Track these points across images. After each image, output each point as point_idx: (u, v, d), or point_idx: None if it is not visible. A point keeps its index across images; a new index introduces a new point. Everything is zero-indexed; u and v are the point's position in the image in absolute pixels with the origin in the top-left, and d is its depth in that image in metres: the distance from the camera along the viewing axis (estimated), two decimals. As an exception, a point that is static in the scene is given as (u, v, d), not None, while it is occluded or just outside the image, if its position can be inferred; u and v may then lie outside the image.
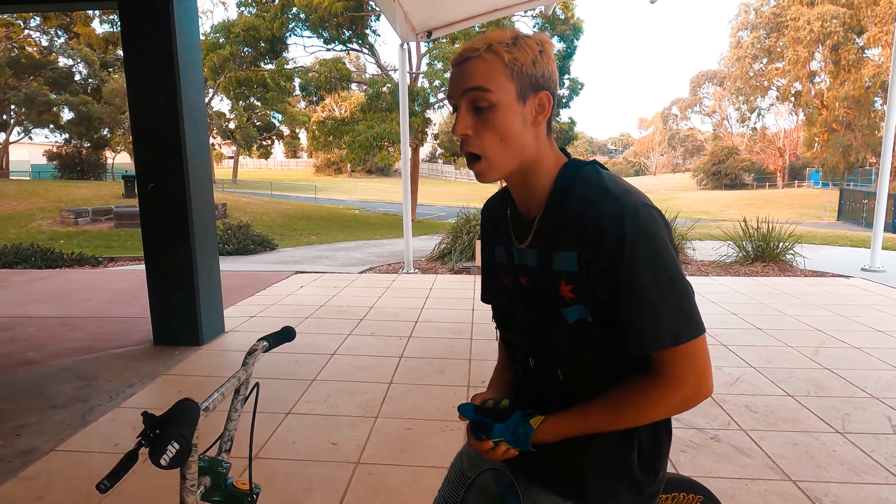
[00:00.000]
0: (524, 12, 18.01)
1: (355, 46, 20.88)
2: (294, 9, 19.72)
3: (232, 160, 43.49)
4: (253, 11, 21.49)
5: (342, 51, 21.66)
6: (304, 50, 71.24)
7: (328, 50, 21.02)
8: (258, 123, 36.13)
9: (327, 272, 7.44)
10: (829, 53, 34.48)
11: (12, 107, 30.41)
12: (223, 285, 4.61)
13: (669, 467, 2.40)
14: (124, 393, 3.30)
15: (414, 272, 7.31)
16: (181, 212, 4.03)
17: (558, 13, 18.53)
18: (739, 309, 5.20)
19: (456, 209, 9.95)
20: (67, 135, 32.26)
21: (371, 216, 21.48)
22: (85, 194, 19.18)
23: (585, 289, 0.89)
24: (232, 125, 35.45)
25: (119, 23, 4.07)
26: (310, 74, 20.44)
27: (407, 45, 7.27)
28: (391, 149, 18.96)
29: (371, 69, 30.56)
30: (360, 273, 7.40)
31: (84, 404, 3.13)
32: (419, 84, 19.03)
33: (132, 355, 3.98)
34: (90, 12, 27.79)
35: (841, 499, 2.18)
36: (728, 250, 8.00)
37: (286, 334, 1.31)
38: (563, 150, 0.98)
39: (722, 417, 2.91)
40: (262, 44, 20.65)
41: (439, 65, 18.42)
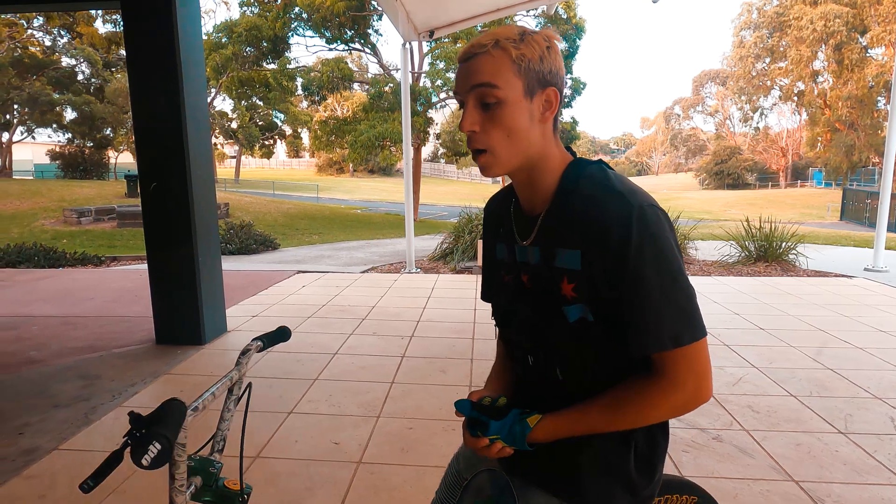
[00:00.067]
0: (526, 12, 18.00)
1: (357, 46, 20.89)
2: (296, 8, 19.75)
3: (234, 160, 43.57)
4: (255, 11, 21.54)
5: (344, 50, 21.69)
6: (307, 49, 71.23)
7: (330, 49, 21.05)
8: (260, 123, 36.19)
9: (329, 272, 7.44)
10: (833, 53, 34.37)
11: (15, 106, 30.50)
12: (225, 285, 4.62)
13: (671, 467, 2.40)
14: (127, 392, 3.30)
15: (416, 272, 7.31)
16: (183, 211, 4.04)
17: (560, 12, 18.52)
18: (742, 309, 5.19)
19: (458, 209, 9.95)
20: (70, 134, 32.34)
21: (373, 216, 21.50)
22: (88, 194, 19.23)
23: (587, 288, 0.88)
24: (234, 125, 35.50)
25: (121, 23, 4.07)
26: (312, 74, 20.47)
27: (409, 45, 7.27)
28: (393, 148, 19.00)
29: (373, 69, 30.59)
30: (362, 273, 7.41)
31: (87, 403, 3.14)
32: (421, 84, 19.04)
33: (135, 354, 3.99)
34: (93, 12, 27.91)
35: (843, 499, 2.17)
36: (730, 250, 7.99)
37: (281, 334, 1.29)
38: (569, 149, 0.98)
39: (724, 417, 2.90)
40: (265, 43, 20.69)
41: (441, 64, 18.43)
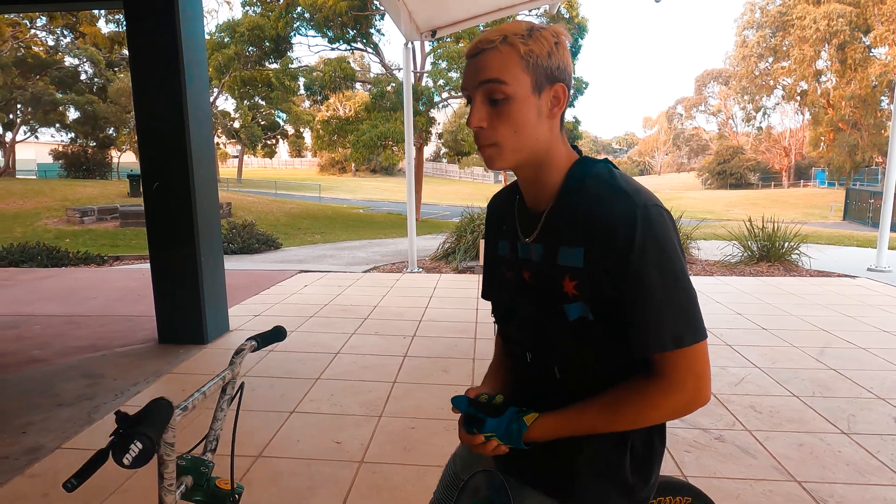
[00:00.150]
0: (528, 11, 17.98)
1: (360, 46, 20.91)
2: (299, 8, 19.77)
3: (236, 159, 43.61)
4: (257, 11, 21.57)
5: (346, 50, 21.70)
6: (309, 49, 70.99)
7: (332, 49, 21.08)
8: (263, 123, 36.22)
9: (331, 271, 7.45)
10: (836, 52, 34.27)
11: (18, 106, 30.59)
12: (228, 284, 4.63)
13: (673, 468, 2.40)
14: (130, 391, 3.31)
15: (418, 271, 7.31)
16: (186, 211, 4.05)
17: (563, 12, 18.51)
18: (744, 309, 5.19)
19: (460, 208, 9.95)
20: (73, 134, 32.41)
21: (375, 215, 21.49)
22: (90, 193, 19.26)
23: (589, 286, 0.88)
24: (237, 124, 35.54)
25: (124, 22, 4.08)
26: (314, 74, 20.50)
27: (411, 45, 7.28)
28: (395, 148, 19.00)
29: (375, 68, 30.61)
30: (365, 272, 7.41)
31: (90, 402, 3.14)
32: (423, 83, 19.05)
33: (137, 354, 4.00)
34: (96, 12, 27.94)
35: (846, 500, 2.17)
36: (733, 250, 7.98)
37: (276, 334, 1.28)
38: (575, 147, 0.98)
39: (727, 418, 2.90)
40: (267, 43, 20.72)
41: (443, 64, 18.43)
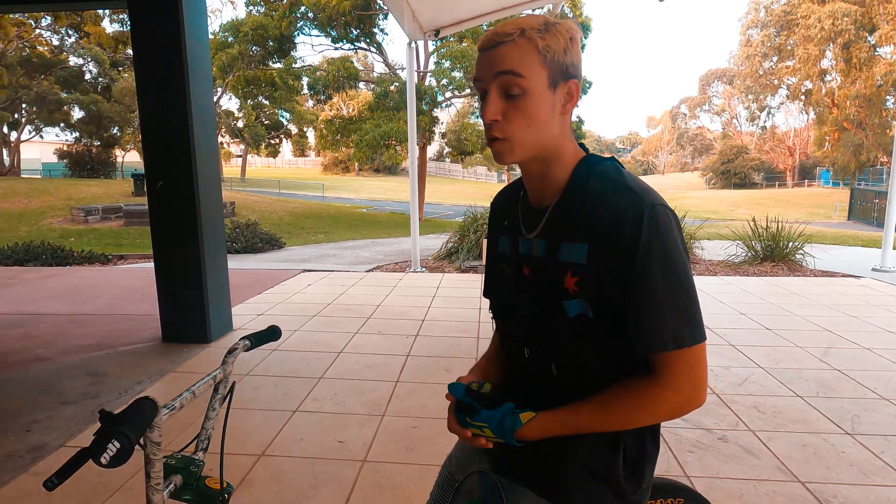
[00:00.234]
0: (532, 10, 17.99)
1: (363, 45, 20.94)
2: (302, 7, 19.79)
3: (240, 159, 43.67)
4: (261, 10, 21.60)
5: (350, 49, 21.73)
6: (313, 49, 70.99)
7: (336, 49, 21.10)
8: (266, 122, 36.24)
9: (335, 270, 7.46)
10: (841, 51, 34.14)
11: (24, 105, 30.73)
12: (231, 283, 4.64)
13: (676, 468, 2.40)
14: (133, 389, 3.32)
15: (421, 271, 7.32)
16: (189, 210, 4.06)
17: (566, 11, 18.48)
18: (748, 309, 5.17)
19: (463, 208, 9.95)
20: (78, 133, 32.55)
21: (378, 215, 21.51)
22: (95, 192, 19.33)
23: (590, 283, 0.88)
24: (240, 124, 35.58)
25: (128, 22, 4.09)
26: (318, 73, 20.55)
27: (415, 44, 7.28)
28: (398, 147, 19.01)
29: (379, 68, 30.60)
30: (368, 271, 7.42)
31: (94, 400, 3.16)
32: (427, 83, 19.06)
33: (141, 352, 4.02)
34: (100, 12, 27.99)
35: (850, 500, 2.16)
36: (737, 250, 7.96)
37: (271, 333, 1.27)
38: (581, 145, 0.98)
39: (730, 418, 2.90)
40: (271, 43, 20.76)
41: (447, 63, 18.43)
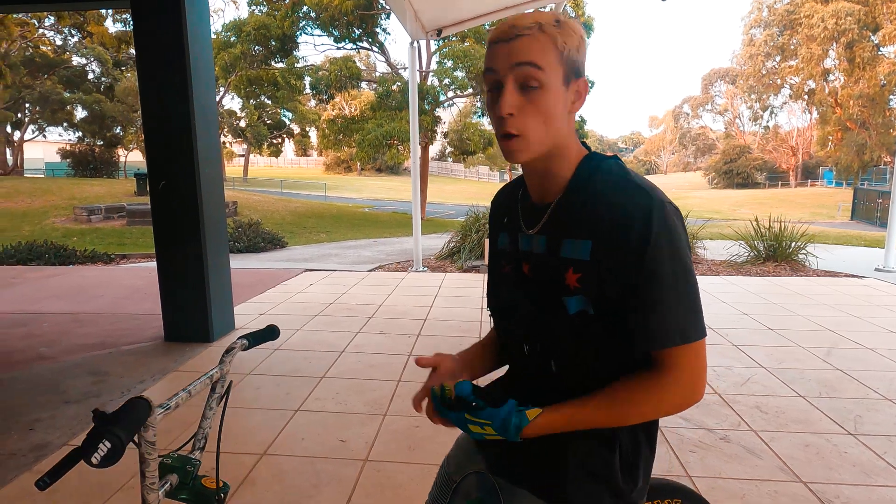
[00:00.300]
0: (533, 10, 17.97)
1: (365, 45, 20.94)
2: (304, 7, 19.80)
3: (242, 158, 43.73)
4: (264, 10, 21.61)
5: (352, 49, 21.76)
6: (315, 48, 70.95)
7: (338, 48, 21.12)
8: (269, 122, 36.28)
9: (337, 270, 7.46)
10: (844, 51, 34.02)
11: (27, 105, 30.80)
12: (233, 283, 4.65)
13: (678, 468, 2.39)
14: (136, 388, 3.33)
15: (423, 270, 7.32)
16: (192, 209, 4.06)
17: (568, 10, 18.46)
18: (751, 309, 5.16)
19: (465, 208, 9.96)
20: (81, 133, 32.61)
21: (380, 214, 21.51)
22: (98, 192, 19.37)
23: (593, 279, 0.87)
24: (243, 123, 35.63)
25: (131, 22, 4.10)
26: (320, 73, 20.56)
27: (417, 44, 7.28)
28: (401, 147, 19.00)
29: (381, 67, 30.62)
30: (370, 271, 7.42)
31: (97, 399, 3.17)
32: (429, 82, 19.04)
33: (144, 351, 4.03)
34: (103, 11, 28.04)
35: (852, 501, 2.16)
36: (739, 250, 7.94)
37: (269, 332, 1.27)
38: (584, 143, 0.98)
39: (732, 418, 2.89)
40: (273, 42, 20.77)
41: (449, 63, 18.43)
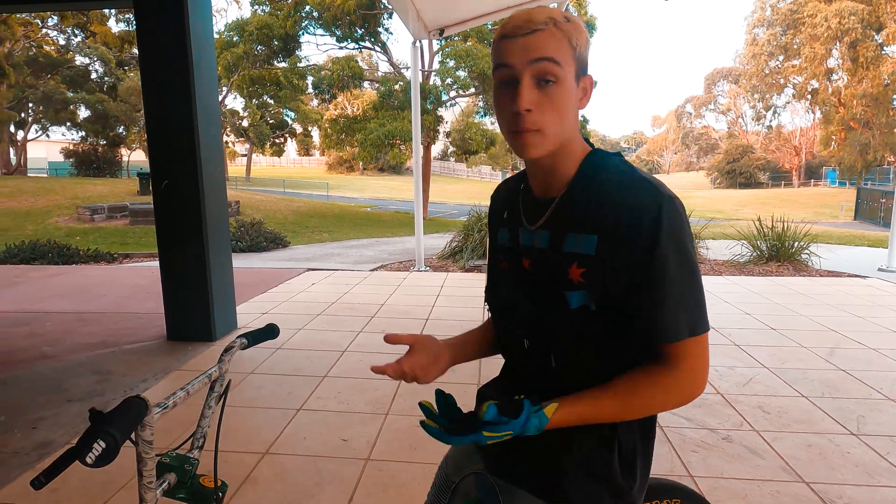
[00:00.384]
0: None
1: (368, 44, 20.92)
2: (307, 7, 19.81)
3: (245, 158, 43.82)
4: (266, 10, 21.62)
5: (355, 49, 21.73)
6: (317, 48, 70.93)
7: (341, 48, 21.10)
8: (271, 121, 36.36)
9: (339, 269, 7.47)
10: (847, 50, 33.92)
11: (30, 105, 30.89)
12: (236, 282, 4.65)
13: (680, 468, 2.39)
14: (138, 387, 3.34)
15: (425, 270, 7.32)
16: (194, 209, 4.07)
17: (571, 10, 18.45)
18: (753, 309, 5.15)
19: (467, 207, 9.95)
20: (84, 132, 32.67)
21: (383, 214, 21.51)
22: (101, 191, 19.41)
23: (598, 274, 0.87)
24: (245, 123, 35.71)
25: (134, 22, 4.11)
26: (322, 72, 20.56)
27: (419, 43, 7.28)
28: (403, 147, 18.99)
29: (383, 67, 30.63)
30: (372, 271, 7.43)
31: (100, 398, 3.17)
32: (431, 82, 19.03)
33: (146, 350, 4.04)
34: (106, 11, 28.12)
35: (855, 501, 2.16)
36: (742, 250, 7.93)
37: (269, 331, 1.26)
38: (586, 139, 0.98)
39: (734, 418, 2.89)
40: (276, 42, 20.77)
41: (451, 62, 18.41)
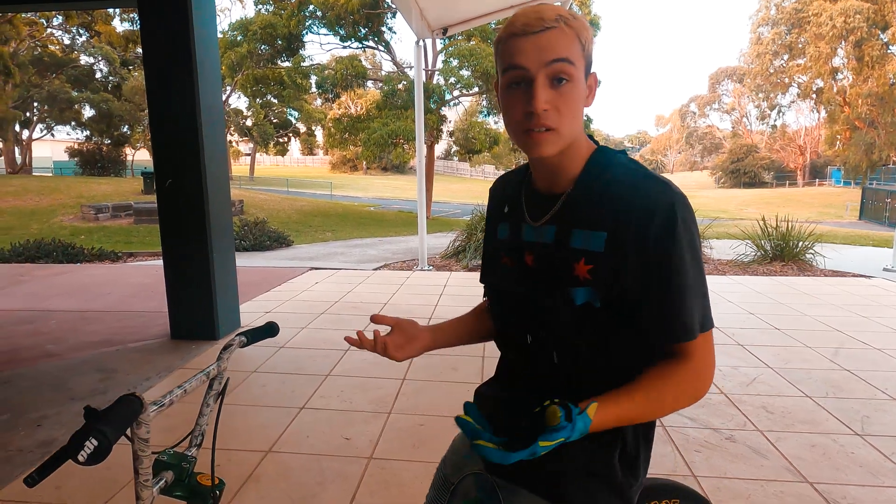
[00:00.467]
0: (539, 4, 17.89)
1: (371, 44, 20.95)
2: (311, 6, 19.84)
3: (249, 157, 43.87)
4: (270, 9, 21.68)
5: (358, 48, 21.75)
6: (321, 47, 71.01)
7: (344, 47, 21.16)
8: (275, 121, 36.40)
9: (342, 269, 7.48)
10: (852, 49, 33.78)
11: (35, 104, 31.01)
12: (239, 281, 4.66)
13: (683, 468, 2.39)
14: (142, 386, 3.35)
15: (428, 269, 7.32)
16: (198, 208, 4.08)
17: (575, 9, 18.41)
18: (757, 309, 5.14)
19: (471, 206, 9.95)
20: (88, 132, 32.79)
21: (386, 213, 21.51)
22: (105, 190, 19.47)
23: (606, 271, 0.87)
24: (249, 122, 35.74)
25: (138, 21, 4.12)
26: (326, 72, 20.58)
27: (423, 43, 7.28)
28: (406, 146, 19.02)
29: (387, 66, 30.72)
30: (375, 270, 7.43)
31: (103, 396, 3.18)
32: (435, 81, 19.04)
33: (150, 349, 4.05)
34: (111, 11, 28.21)
35: (859, 501, 2.15)
36: (746, 249, 7.90)
37: (268, 330, 1.26)
38: (591, 137, 0.98)
39: (738, 418, 2.88)
40: (279, 41, 20.82)
41: (455, 62, 18.40)
